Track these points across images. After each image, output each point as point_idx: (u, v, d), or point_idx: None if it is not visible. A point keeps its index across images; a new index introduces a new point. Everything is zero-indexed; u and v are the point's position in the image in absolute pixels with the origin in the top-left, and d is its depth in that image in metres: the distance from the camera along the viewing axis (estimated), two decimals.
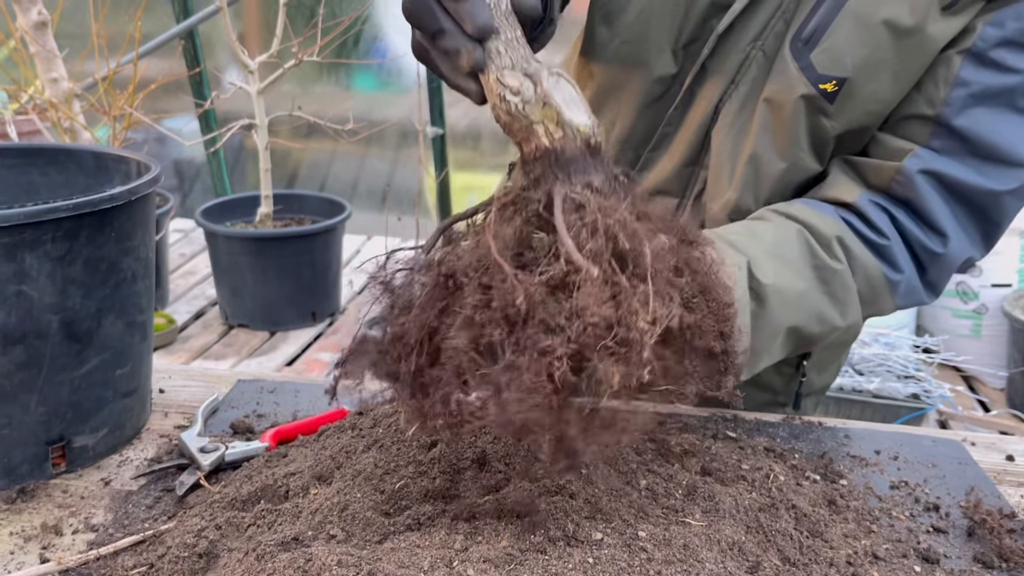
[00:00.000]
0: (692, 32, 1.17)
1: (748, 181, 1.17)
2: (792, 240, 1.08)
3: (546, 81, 0.76)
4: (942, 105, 1.07)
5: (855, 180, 1.14)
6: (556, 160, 0.76)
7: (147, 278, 1.15)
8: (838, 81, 1.09)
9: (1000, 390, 3.58)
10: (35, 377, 1.02)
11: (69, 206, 0.98)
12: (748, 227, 1.10)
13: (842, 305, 1.09)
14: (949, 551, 0.98)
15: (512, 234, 0.76)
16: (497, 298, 0.71)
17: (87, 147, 1.30)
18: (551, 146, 0.76)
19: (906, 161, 1.09)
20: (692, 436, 1.15)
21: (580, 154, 0.77)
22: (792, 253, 1.07)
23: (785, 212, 1.12)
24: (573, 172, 0.76)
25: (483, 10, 0.77)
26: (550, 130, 0.76)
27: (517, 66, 0.78)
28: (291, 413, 1.24)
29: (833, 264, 1.08)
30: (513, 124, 0.77)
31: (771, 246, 1.06)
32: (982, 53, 1.04)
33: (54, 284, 1.00)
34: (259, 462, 1.05)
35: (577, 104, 0.78)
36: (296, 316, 4.03)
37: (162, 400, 1.29)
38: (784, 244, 1.07)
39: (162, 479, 1.06)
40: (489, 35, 0.78)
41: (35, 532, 0.96)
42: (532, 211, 0.76)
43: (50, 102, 3.22)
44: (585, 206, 0.74)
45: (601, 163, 0.78)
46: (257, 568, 0.80)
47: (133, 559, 0.90)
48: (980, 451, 1.25)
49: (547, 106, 0.76)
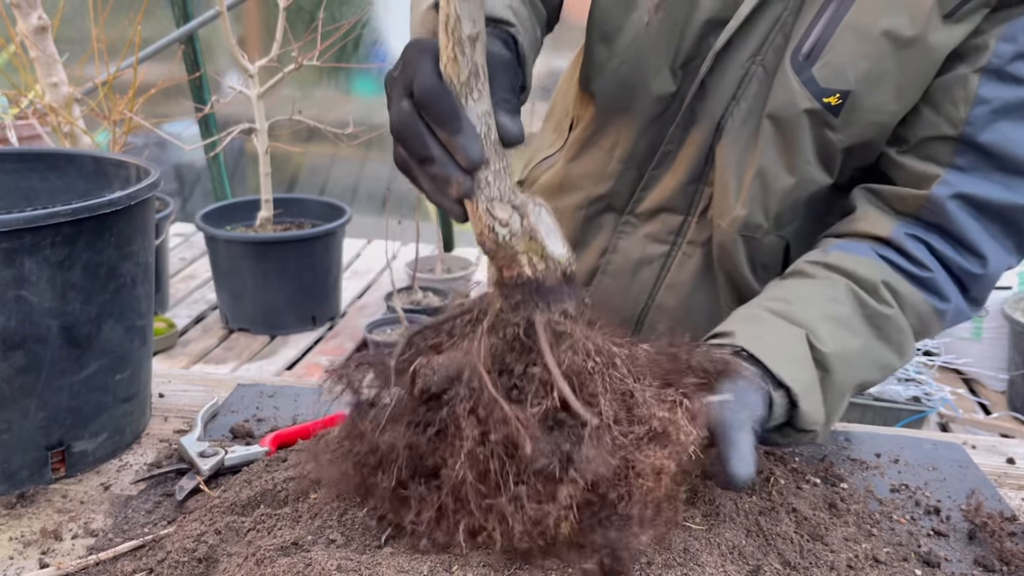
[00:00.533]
0: (689, 51, 1.16)
1: (756, 197, 1.16)
2: (841, 296, 1.06)
3: (532, 214, 0.80)
4: (964, 124, 1.06)
5: (886, 212, 1.12)
6: (537, 289, 0.81)
7: (147, 283, 1.15)
8: (841, 94, 1.08)
9: (1001, 393, 3.57)
10: (35, 382, 1.02)
11: (68, 211, 0.98)
12: (794, 292, 1.08)
13: (898, 347, 1.08)
14: (950, 554, 0.98)
15: (489, 352, 0.80)
16: (494, 431, 0.75)
17: (87, 152, 1.30)
18: (534, 276, 0.81)
19: (934, 189, 1.07)
20: None
21: (558, 284, 0.82)
22: (844, 310, 1.05)
23: (825, 263, 1.10)
24: (552, 301, 0.81)
25: (476, 143, 0.78)
26: (533, 261, 0.81)
27: (505, 197, 0.81)
28: (291, 417, 1.24)
29: (884, 310, 1.06)
30: (498, 252, 0.81)
31: (822, 309, 1.04)
32: (999, 69, 1.04)
33: (54, 289, 1.00)
34: (259, 467, 1.05)
35: (556, 234, 0.83)
36: (296, 320, 4.03)
37: (162, 405, 1.29)
38: (834, 303, 1.05)
39: (162, 484, 1.06)
40: (480, 168, 0.79)
41: (35, 537, 0.96)
42: (511, 333, 0.81)
43: (50, 106, 3.22)
44: (569, 336, 0.80)
45: (574, 291, 0.84)
46: (257, 572, 0.80)
47: (132, 564, 0.90)
48: (981, 454, 1.25)
49: (532, 240, 0.80)
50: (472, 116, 0.78)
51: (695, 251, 1.25)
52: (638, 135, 1.23)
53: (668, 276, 1.27)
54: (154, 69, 4.28)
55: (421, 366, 0.82)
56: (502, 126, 0.80)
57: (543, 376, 0.78)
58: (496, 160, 0.80)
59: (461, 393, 0.78)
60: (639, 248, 1.28)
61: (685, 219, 1.25)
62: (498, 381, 0.79)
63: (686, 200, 1.23)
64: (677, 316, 1.28)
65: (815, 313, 1.03)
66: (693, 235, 1.25)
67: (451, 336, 0.87)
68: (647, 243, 1.27)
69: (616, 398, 0.78)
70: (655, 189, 1.24)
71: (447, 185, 0.80)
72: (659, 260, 1.27)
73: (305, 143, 4.96)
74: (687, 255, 1.26)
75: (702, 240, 1.24)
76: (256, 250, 3.85)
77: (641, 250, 1.28)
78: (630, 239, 1.28)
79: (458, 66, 0.77)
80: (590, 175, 1.30)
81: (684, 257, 1.26)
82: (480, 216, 0.80)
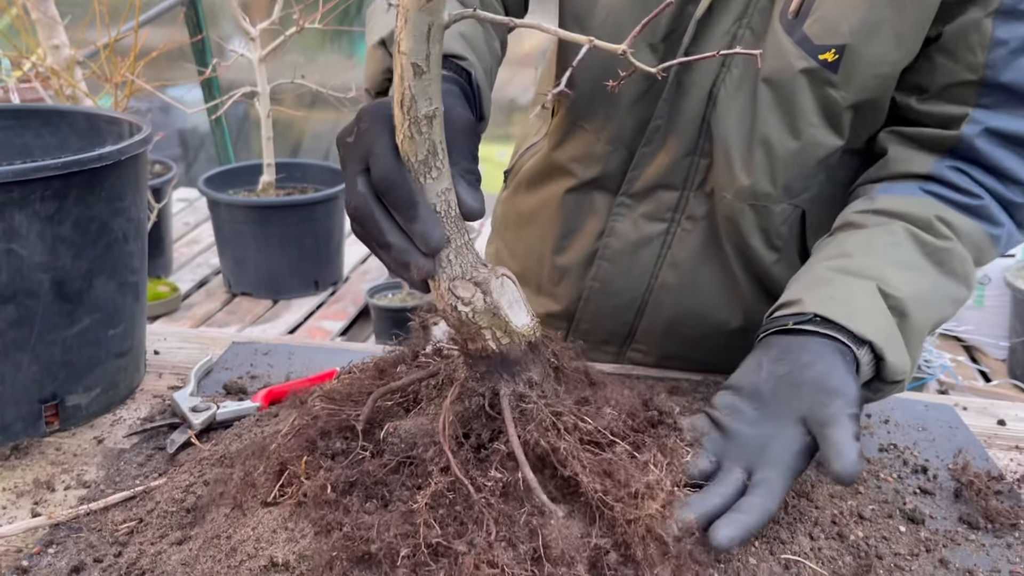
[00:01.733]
0: (669, 23, 1.13)
1: (761, 165, 1.14)
2: (900, 239, 1.05)
3: (495, 291, 0.81)
4: (984, 68, 1.05)
5: (920, 150, 1.11)
6: (502, 362, 0.82)
7: (139, 240, 1.16)
8: (837, 49, 1.06)
9: (1001, 360, 3.58)
10: (27, 336, 1.02)
11: (57, 165, 0.98)
12: (851, 244, 1.06)
13: (964, 278, 1.08)
14: (935, 512, 0.98)
15: (455, 420, 0.82)
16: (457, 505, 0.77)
17: (80, 108, 1.30)
18: (497, 350, 0.82)
19: (964, 129, 1.07)
20: (683, 399, 1.15)
21: (522, 355, 0.83)
22: (906, 253, 1.04)
23: (874, 210, 1.09)
24: (517, 372, 0.83)
25: (436, 228, 0.77)
26: (497, 336, 0.82)
27: (467, 274, 0.81)
28: (284, 375, 1.25)
29: (944, 244, 1.05)
30: (462, 328, 0.82)
31: (885, 256, 1.03)
32: (1012, 9, 1.03)
33: (44, 243, 1.00)
34: (250, 421, 1.06)
35: (520, 304, 0.84)
36: (299, 284, 4.04)
37: (156, 362, 1.30)
38: (895, 248, 1.04)
39: (154, 438, 1.07)
40: (441, 250, 0.79)
41: (27, 488, 0.97)
42: (476, 404, 0.83)
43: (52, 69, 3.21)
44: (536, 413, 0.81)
45: (539, 356, 0.85)
46: (242, 522, 0.81)
47: (123, 514, 0.91)
48: (972, 415, 1.25)
49: (496, 316, 0.81)
50: (431, 195, 0.77)
51: (695, 226, 1.23)
52: (624, 114, 1.21)
53: (669, 254, 1.25)
54: (156, 33, 4.26)
55: (388, 433, 0.83)
56: (463, 202, 0.79)
57: (509, 450, 0.79)
58: (457, 236, 0.80)
59: (429, 468, 0.79)
60: (636, 229, 1.26)
61: (682, 194, 1.22)
62: (464, 451, 0.81)
63: (681, 175, 1.21)
64: (681, 294, 1.27)
65: (879, 261, 1.02)
66: (692, 210, 1.23)
67: (417, 400, 0.89)
68: (644, 223, 1.25)
69: (596, 471, 0.79)
70: (648, 167, 1.22)
71: (406, 270, 0.79)
72: (658, 239, 1.25)
73: (308, 108, 4.95)
74: (687, 231, 1.24)
75: (702, 214, 1.22)
76: (258, 214, 3.85)
77: (639, 231, 1.25)
78: (626, 220, 1.26)
79: (415, 144, 0.75)
80: (578, 159, 1.28)
81: (684, 233, 1.24)
82: (442, 295, 0.81)
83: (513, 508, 0.76)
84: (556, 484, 0.81)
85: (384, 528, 0.74)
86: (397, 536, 0.73)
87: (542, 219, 1.35)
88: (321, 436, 0.86)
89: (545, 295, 1.38)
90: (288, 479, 0.83)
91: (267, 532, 0.79)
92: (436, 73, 0.72)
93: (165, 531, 0.86)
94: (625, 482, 0.78)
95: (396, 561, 0.72)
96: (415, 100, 0.73)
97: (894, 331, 0.98)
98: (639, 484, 0.78)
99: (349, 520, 0.76)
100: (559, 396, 0.85)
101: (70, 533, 0.89)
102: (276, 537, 0.78)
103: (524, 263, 1.41)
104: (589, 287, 1.31)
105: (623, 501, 0.77)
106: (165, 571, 0.80)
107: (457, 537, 0.73)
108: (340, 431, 0.87)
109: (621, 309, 1.31)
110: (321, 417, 0.87)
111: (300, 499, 0.80)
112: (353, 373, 0.98)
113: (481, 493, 0.76)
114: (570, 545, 0.74)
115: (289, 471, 0.84)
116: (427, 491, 0.76)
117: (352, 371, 0.99)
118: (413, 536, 0.73)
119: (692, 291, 1.26)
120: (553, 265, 1.35)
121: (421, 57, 0.71)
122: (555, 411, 0.82)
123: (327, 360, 1.29)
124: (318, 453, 0.84)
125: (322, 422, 0.87)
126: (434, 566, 0.72)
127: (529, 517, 0.76)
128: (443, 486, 0.76)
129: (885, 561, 0.87)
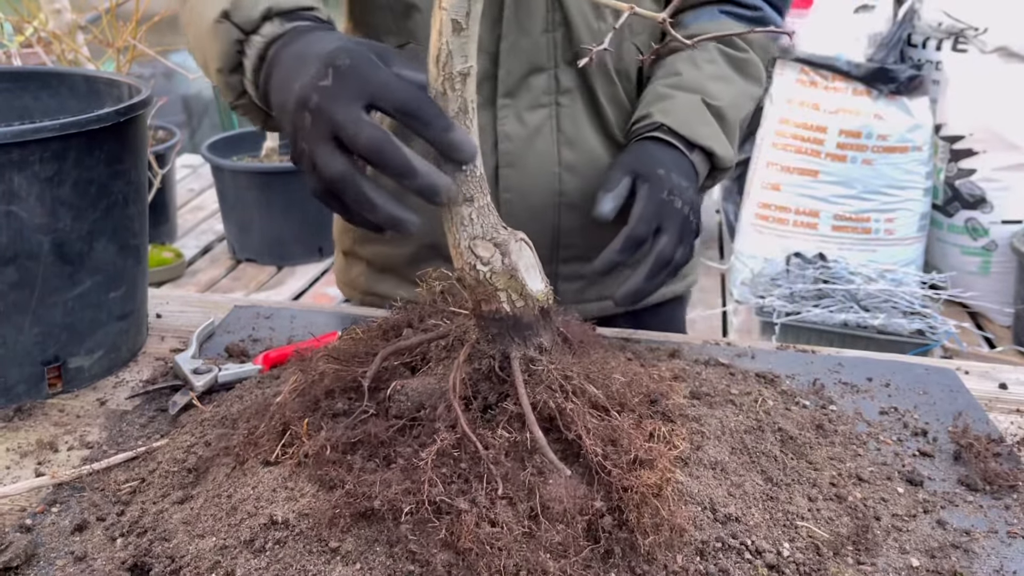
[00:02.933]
0: None
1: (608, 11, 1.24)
2: (714, 56, 1.29)
3: (513, 252, 0.81)
4: None
5: None
6: (514, 325, 0.83)
7: (139, 203, 1.15)
8: None
9: (1007, 327, 3.57)
10: (28, 298, 1.03)
11: (56, 126, 0.97)
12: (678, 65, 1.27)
13: (757, 79, 1.33)
14: (934, 474, 0.99)
15: (464, 381, 0.82)
16: (464, 462, 0.77)
17: (78, 70, 1.30)
18: (512, 312, 0.83)
19: None
20: (682, 362, 1.15)
21: (535, 320, 0.84)
22: (719, 67, 1.28)
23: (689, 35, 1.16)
24: (528, 336, 0.84)
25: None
26: (513, 298, 0.82)
27: (487, 234, 0.82)
28: (286, 338, 1.25)
29: (744, 55, 1.31)
30: (478, 288, 0.82)
31: (705, 71, 1.26)
32: None
33: (43, 205, 1.00)
34: (251, 383, 1.06)
35: (535, 269, 0.85)
36: (303, 251, 4.04)
37: (159, 325, 1.30)
38: (711, 64, 1.28)
39: (156, 399, 1.08)
40: (463, 204, 0.80)
41: (31, 448, 0.98)
42: (487, 365, 0.83)
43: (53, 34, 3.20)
44: (547, 376, 0.82)
45: (550, 323, 0.86)
46: (243, 481, 0.81)
47: (125, 474, 0.91)
48: (973, 379, 1.25)
49: (512, 278, 0.81)
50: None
51: (573, 99, 1.27)
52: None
53: (561, 136, 1.27)
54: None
55: (395, 391, 0.83)
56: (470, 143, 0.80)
57: (517, 411, 0.80)
58: (480, 196, 0.81)
59: (436, 426, 0.79)
60: (523, 124, 1.26)
61: (551, 72, 1.25)
62: (472, 410, 0.81)
63: (544, 54, 1.24)
64: (585, 170, 1.28)
65: (701, 76, 1.26)
66: (565, 84, 1.26)
67: (425, 360, 0.89)
68: (528, 114, 1.26)
69: (599, 435, 0.79)
70: (513, 61, 1.23)
71: (435, 194, 0.79)
72: (546, 123, 1.26)
73: None
74: (567, 106, 1.27)
75: (575, 85, 1.26)
76: (262, 180, 3.84)
77: (525, 124, 1.26)
78: (511, 120, 1.26)
79: (447, 101, 0.78)
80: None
81: (566, 110, 1.27)
82: (462, 253, 0.81)
83: (518, 468, 0.77)
84: (558, 448, 0.81)
85: (386, 485, 0.74)
86: (400, 492, 0.74)
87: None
88: (325, 395, 0.86)
89: None
90: (290, 439, 0.84)
91: (267, 491, 0.79)
92: (474, 31, 0.74)
93: (167, 490, 0.86)
94: (626, 449, 0.78)
95: (399, 517, 0.73)
96: (451, 56, 0.74)
97: (718, 131, 1.22)
98: (639, 452, 0.78)
99: (352, 478, 0.76)
100: (568, 363, 0.85)
101: (73, 493, 0.89)
102: (276, 496, 0.78)
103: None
104: (504, 201, 1.28)
105: (622, 467, 0.77)
106: (167, 529, 0.81)
107: (461, 495, 0.74)
108: (345, 391, 0.87)
109: (539, 210, 1.29)
110: (327, 375, 0.87)
111: (300, 459, 0.81)
112: (356, 335, 0.98)
113: (489, 451, 0.76)
114: (573, 504, 0.75)
115: (291, 431, 0.84)
116: (432, 448, 0.76)
117: (354, 333, 0.99)
118: (416, 493, 0.73)
119: (592, 163, 1.28)
120: None
121: (462, 14, 0.72)
122: (564, 375, 0.82)
123: (329, 324, 1.29)
124: (320, 413, 0.85)
125: (327, 380, 0.87)
126: (437, 523, 0.72)
127: (532, 477, 0.76)
128: (449, 443, 0.77)
129: (883, 522, 0.88)
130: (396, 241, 1.34)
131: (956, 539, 0.87)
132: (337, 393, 0.87)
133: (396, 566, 0.73)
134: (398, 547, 0.73)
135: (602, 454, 0.78)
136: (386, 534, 0.74)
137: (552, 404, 0.80)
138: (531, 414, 0.79)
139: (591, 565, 0.75)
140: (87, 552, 0.80)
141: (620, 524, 0.76)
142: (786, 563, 0.79)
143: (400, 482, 0.75)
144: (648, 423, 0.84)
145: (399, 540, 0.73)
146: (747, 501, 0.84)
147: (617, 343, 1.19)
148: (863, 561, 0.82)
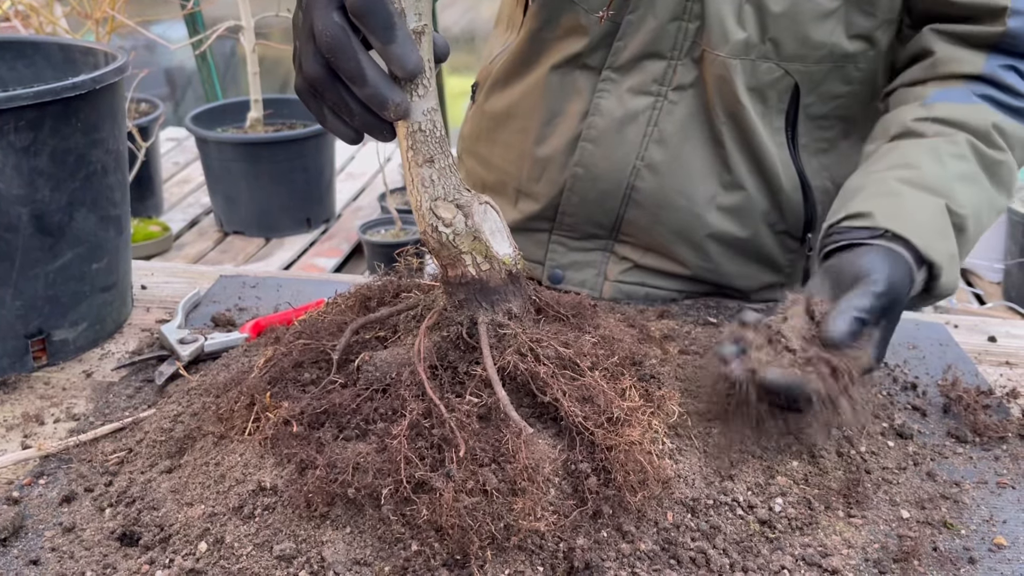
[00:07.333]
0: None
1: (751, 18, 1.12)
2: (964, 151, 1.04)
3: (476, 214, 0.80)
4: None
5: (968, 48, 1.09)
6: (481, 289, 0.82)
7: (120, 172, 1.14)
8: None
9: (996, 283, 3.58)
10: (8, 270, 1.01)
11: (30, 94, 0.95)
12: (916, 155, 1.04)
13: (1008, 187, 1.08)
14: (923, 427, 0.99)
15: (432, 349, 0.81)
16: (432, 429, 0.75)
17: (53, 39, 1.27)
18: (477, 276, 0.81)
19: (1009, 23, 1.06)
20: (672, 322, 1.15)
21: (503, 284, 0.83)
22: (970, 166, 1.03)
23: (933, 118, 1.06)
24: (496, 301, 0.82)
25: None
26: (477, 261, 0.81)
27: (449, 196, 0.80)
28: (272, 307, 1.24)
29: (999, 156, 1.05)
30: (442, 251, 0.81)
31: (952, 169, 1.02)
32: None
33: (20, 176, 0.98)
34: (237, 352, 1.05)
35: (501, 233, 0.83)
36: (291, 222, 4.02)
37: (144, 296, 1.29)
38: (960, 161, 1.03)
39: (142, 370, 1.07)
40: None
41: (17, 422, 0.97)
42: (455, 332, 0.82)
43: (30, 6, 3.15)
44: (514, 338, 0.80)
45: (519, 289, 0.84)
46: (230, 449, 0.81)
47: (112, 445, 0.91)
48: (963, 333, 1.25)
49: (477, 240, 0.80)
50: (417, 112, 0.77)
51: (682, 97, 1.19)
52: None
53: (656, 131, 1.21)
54: None
55: (364, 361, 0.82)
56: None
57: (486, 376, 0.78)
58: (441, 158, 0.79)
59: (403, 394, 0.78)
60: (622, 104, 1.21)
61: (669, 63, 1.18)
62: (440, 378, 0.80)
63: (669, 42, 1.16)
64: (667, 173, 1.22)
65: (947, 175, 1.01)
66: (680, 79, 1.18)
67: (395, 332, 0.88)
68: (630, 97, 1.20)
69: (576, 396, 0.78)
70: (635, 36, 1.17)
71: (382, 107, 0.76)
72: (644, 114, 1.20)
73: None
74: (674, 103, 1.20)
75: (690, 82, 1.18)
76: (247, 151, 3.81)
77: (624, 106, 1.21)
78: (611, 97, 1.21)
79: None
80: (562, 35, 1.23)
81: (671, 106, 1.20)
82: (423, 215, 0.80)
83: (491, 431, 0.76)
84: (536, 412, 0.80)
85: (362, 471, 0.73)
86: (377, 474, 0.73)
87: (522, 109, 1.30)
88: (294, 367, 0.85)
89: (525, 197, 1.33)
90: (257, 413, 0.83)
91: (255, 458, 0.79)
92: None
93: (154, 460, 0.86)
94: (604, 408, 0.78)
95: (380, 501, 0.72)
96: (404, 13, 0.73)
97: (954, 251, 0.97)
98: (618, 410, 0.78)
99: (323, 457, 0.75)
100: (539, 327, 0.84)
101: (60, 464, 0.89)
102: (264, 462, 0.78)
103: (501, 169, 1.36)
104: (572, 174, 1.25)
105: (603, 427, 0.77)
106: (155, 498, 0.80)
107: (438, 466, 0.73)
108: (315, 363, 0.86)
109: (606, 195, 1.26)
110: (296, 348, 0.87)
111: (266, 433, 0.80)
112: (337, 304, 0.97)
113: (454, 414, 0.75)
114: (543, 461, 0.74)
115: (258, 404, 0.83)
116: (403, 423, 0.75)
117: (337, 301, 0.98)
118: (393, 474, 0.72)
119: (678, 168, 1.22)
120: (534, 160, 1.30)
121: None
122: (534, 338, 0.81)
123: (315, 292, 1.28)
124: (286, 384, 0.84)
125: (296, 353, 0.86)
126: (418, 503, 0.71)
127: (510, 439, 0.75)
128: (418, 414, 0.76)
129: (874, 475, 0.88)
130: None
131: (946, 490, 0.88)
132: (307, 365, 0.86)
133: (387, 529, 0.73)
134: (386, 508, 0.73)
135: (581, 415, 0.77)
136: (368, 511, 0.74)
137: (523, 368, 0.79)
138: (495, 374, 0.78)
139: (581, 525, 0.74)
140: (75, 523, 0.80)
141: (606, 483, 0.75)
142: (778, 518, 0.79)
143: (375, 464, 0.73)
144: (625, 380, 0.83)
145: (383, 520, 0.73)
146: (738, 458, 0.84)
147: (606, 306, 1.19)
148: (854, 514, 0.83)
